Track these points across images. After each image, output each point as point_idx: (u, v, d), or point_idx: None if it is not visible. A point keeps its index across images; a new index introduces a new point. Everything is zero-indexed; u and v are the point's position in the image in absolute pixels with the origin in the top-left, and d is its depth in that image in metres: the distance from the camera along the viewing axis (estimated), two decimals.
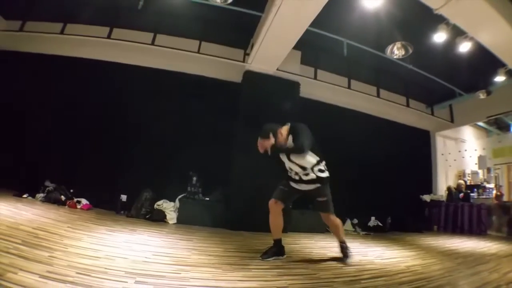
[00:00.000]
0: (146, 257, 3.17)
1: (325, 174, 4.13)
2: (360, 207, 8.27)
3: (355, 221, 8.15)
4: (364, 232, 7.74)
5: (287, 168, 4.21)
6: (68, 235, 3.71)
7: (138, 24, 7.81)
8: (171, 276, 2.67)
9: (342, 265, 3.86)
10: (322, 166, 4.16)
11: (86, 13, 7.67)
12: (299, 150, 3.89)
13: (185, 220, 6.31)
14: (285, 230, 6.46)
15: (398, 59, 7.06)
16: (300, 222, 6.93)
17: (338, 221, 4.19)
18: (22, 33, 8.04)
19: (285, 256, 4.01)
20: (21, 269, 2.24)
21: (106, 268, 2.60)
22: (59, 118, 7.45)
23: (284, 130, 4.14)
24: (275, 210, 4.20)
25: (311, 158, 4.04)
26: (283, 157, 4.11)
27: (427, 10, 5.26)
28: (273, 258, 3.87)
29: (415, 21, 6.23)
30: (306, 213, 7.12)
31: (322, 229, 7.06)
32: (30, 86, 7.66)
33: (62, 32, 7.89)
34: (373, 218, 8.41)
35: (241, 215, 6.42)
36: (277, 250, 4.02)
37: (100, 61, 7.87)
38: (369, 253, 4.77)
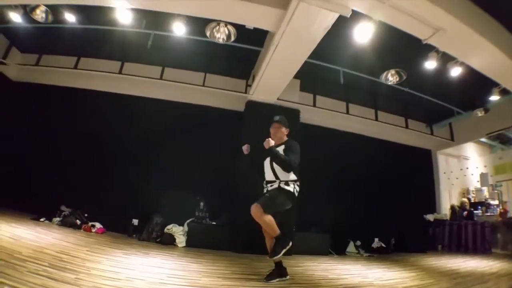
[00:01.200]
0: (161, 279, 3.38)
1: (290, 189, 4.21)
2: (363, 229, 8.30)
3: (358, 243, 8.11)
4: (367, 254, 7.72)
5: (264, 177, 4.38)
6: (88, 258, 3.93)
7: (147, 59, 8.32)
8: None
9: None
10: (293, 186, 4.24)
11: (99, 48, 8.21)
12: (288, 165, 4.08)
13: (194, 243, 6.56)
14: (289, 253, 6.68)
15: (394, 84, 7.27)
16: (303, 244, 6.95)
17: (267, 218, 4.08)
18: (38, 67, 8.60)
19: (288, 277, 4.06)
20: None
21: None
22: (72, 146, 7.87)
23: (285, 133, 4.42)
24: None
25: (290, 175, 4.22)
26: (267, 160, 4.32)
27: (418, 39, 5.46)
28: (277, 280, 3.93)
29: (406, 49, 6.30)
30: (308, 235, 7.31)
31: (326, 251, 7.23)
32: (45, 115, 8.18)
33: (75, 67, 8.46)
34: (376, 239, 8.42)
35: (246, 238, 6.60)
36: (281, 271, 4.06)
37: (111, 93, 8.38)
38: (369, 275, 4.85)
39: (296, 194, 4.26)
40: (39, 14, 6.49)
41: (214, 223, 7.06)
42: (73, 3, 6.08)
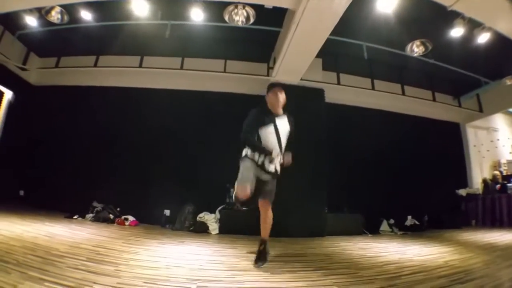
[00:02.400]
0: (201, 265, 3.39)
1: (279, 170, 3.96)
2: (395, 207, 8.16)
3: (392, 221, 7.99)
4: (401, 232, 7.61)
5: (261, 143, 3.86)
6: (125, 250, 3.97)
7: (166, 50, 8.28)
8: (227, 280, 2.88)
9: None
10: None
11: (117, 45, 8.22)
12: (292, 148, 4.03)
13: (227, 230, 6.56)
14: (322, 234, 6.67)
15: (419, 56, 7.07)
16: (336, 225, 6.99)
17: (271, 215, 4.15)
18: (58, 69, 8.79)
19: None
20: (94, 283, 2.44)
21: (168, 277, 2.83)
22: (98, 143, 8.04)
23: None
24: (244, 191, 3.65)
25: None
26: (274, 129, 3.89)
27: (442, 6, 5.28)
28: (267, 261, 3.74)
29: (431, 17, 6.14)
30: (341, 216, 7.25)
31: (359, 231, 7.14)
32: (68, 116, 8.43)
33: (95, 65, 8.55)
34: (409, 217, 8.27)
35: (278, 222, 6.57)
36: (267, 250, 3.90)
37: (132, 88, 8.49)
38: (407, 252, 4.80)
39: None
40: (55, 16, 6.55)
41: (245, 208, 7.01)
42: (88, 0, 6.05)
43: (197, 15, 6.11)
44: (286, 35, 6.15)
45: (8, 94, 8.51)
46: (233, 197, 3.98)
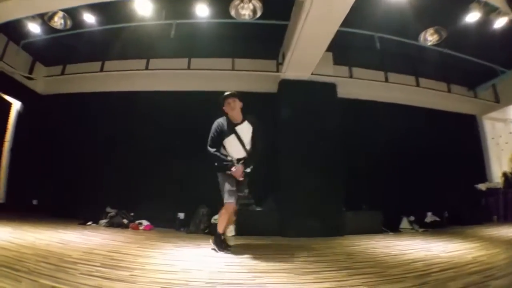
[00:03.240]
0: (219, 268, 3.27)
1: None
2: (414, 204, 7.89)
3: (411, 218, 7.72)
4: (422, 229, 7.39)
5: (226, 154, 4.31)
6: (140, 254, 3.88)
7: (172, 52, 8.19)
8: (248, 283, 2.75)
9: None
10: None
11: (122, 49, 8.21)
12: (260, 146, 4.39)
13: (243, 231, 6.38)
14: (341, 233, 6.50)
15: (433, 45, 6.89)
16: (356, 224, 6.79)
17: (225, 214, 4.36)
18: (64, 76, 8.82)
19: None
20: None
21: (187, 281, 2.71)
22: (108, 148, 8.05)
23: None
24: (230, 210, 4.36)
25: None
26: (235, 137, 4.25)
27: None
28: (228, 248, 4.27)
29: (445, 3, 6.02)
30: (359, 214, 7.06)
31: (379, 229, 6.96)
32: (77, 122, 8.46)
33: (101, 70, 8.53)
34: (429, 214, 7.98)
35: (295, 222, 6.45)
36: (223, 239, 4.37)
37: (139, 91, 8.46)
38: (433, 249, 4.65)
39: None
40: (58, 21, 6.57)
41: (261, 208, 6.90)
42: (91, 2, 5.97)
43: (202, 11, 6.01)
44: (295, 27, 5.97)
45: (17, 105, 8.59)
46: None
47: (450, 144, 9.08)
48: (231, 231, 6.41)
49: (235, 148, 4.26)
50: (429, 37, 6.58)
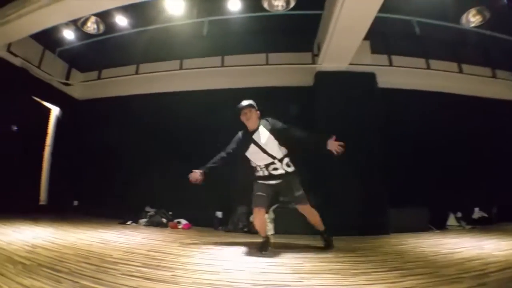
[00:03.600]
0: (262, 268, 3.13)
1: (292, 169, 4.35)
2: (461, 199, 7.43)
3: (459, 214, 7.29)
4: (469, 226, 7.00)
5: (254, 164, 4.40)
6: (181, 253, 3.83)
7: (205, 50, 8.20)
8: (295, 284, 2.59)
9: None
10: (288, 160, 4.35)
11: (156, 51, 8.42)
12: (303, 134, 4.35)
13: (282, 230, 6.26)
14: (387, 231, 6.23)
15: (476, 27, 6.53)
16: (401, 222, 6.46)
17: (315, 211, 4.56)
18: (100, 80, 9.05)
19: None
20: None
21: (230, 282, 2.59)
22: (148, 150, 8.27)
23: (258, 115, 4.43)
24: (260, 215, 4.31)
25: (282, 149, 4.31)
26: (254, 145, 4.27)
27: None
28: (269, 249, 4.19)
29: None
30: (404, 211, 6.67)
31: (425, 227, 6.62)
32: (115, 125, 8.65)
33: (137, 73, 8.66)
34: (476, 209, 7.49)
35: (338, 220, 6.26)
36: (267, 242, 4.35)
37: (174, 92, 8.57)
38: (484, 247, 4.35)
39: None
40: (91, 26, 6.79)
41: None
42: (123, 4, 6.01)
43: (234, 5, 5.94)
44: (330, 16, 5.78)
45: (55, 110, 8.88)
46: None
47: (497, 133, 8.42)
48: (269, 229, 6.30)
49: (257, 156, 4.31)
50: (472, 19, 6.26)
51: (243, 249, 4.39)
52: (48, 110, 8.65)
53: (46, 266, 2.79)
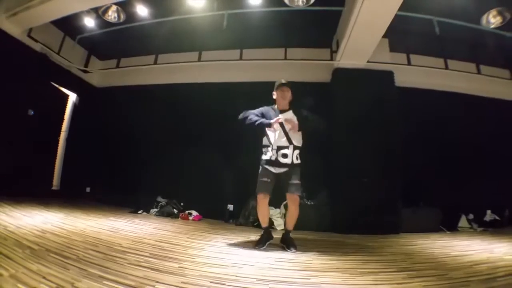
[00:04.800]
0: (270, 264, 3.15)
1: (299, 162, 4.30)
2: (473, 200, 7.30)
3: (470, 216, 7.19)
4: (481, 228, 6.90)
5: (270, 142, 4.25)
6: (190, 245, 3.86)
7: (224, 43, 8.22)
8: (301, 281, 2.60)
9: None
10: (298, 153, 4.31)
11: (175, 42, 8.47)
12: (321, 123, 4.38)
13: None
14: (397, 231, 6.18)
15: (496, 28, 6.38)
16: (412, 222, 6.42)
17: (298, 209, 4.34)
18: (118, 69, 9.20)
19: (273, 238, 4.38)
20: (157, 282, 2.31)
21: (237, 276, 2.62)
22: (163, 140, 8.32)
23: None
24: (264, 202, 4.28)
25: (300, 141, 4.33)
26: (279, 124, 4.17)
27: None
28: (266, 244, 4.15)
29: None
30: (416, 211, 6.64)
31: (436, 228, 6.57)
32: (131, 114, 8.78)
33: (155, 63, 8.77)
34: (488, 212, 7.38)
35: (349, 218, 6.23)
36: (267, 236, 4.31)
37: (192, 83, 8.60)
38: (495, 250, 4.32)
39: None
40: (111, 15, 6.85)
41: (312, 203, 6.70)
42: None
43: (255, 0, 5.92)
44: (350, 13, 5.72)
45: (73, 97, 8.99)
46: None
47: None
48: (280, 224, 6.28)
49: (276, 134, 4.22)
50: (492, 20, 6.13)
51: (253, 243, 4.39)
52: (65, 96, 8.74)
53: (54, 252, 2.85)
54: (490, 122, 8.05)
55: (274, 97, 4.47)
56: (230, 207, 7.12)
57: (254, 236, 4.98)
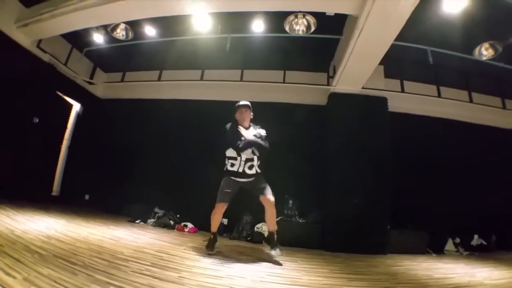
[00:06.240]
0: (262, 277, 3.32)
1: (260, 170, 4.68)
2: (461, 225, 7.46)
3: (457, 240, 7.33)
4: (467, 252, 7.04)
5: (239, 155, 4.54)
6: (187, 256, 4.03)
7: (227, 63, 8.55)
8: None
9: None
10: (259, 163, 4.66)
11: (179, 60, 8.75)
12: (265, 147, 4.57)
13: (284, 242, 6.25)
14: (384, 251, 6.34)
15: (488, 59, 6.60)
16: (400, 243, 6.56)
17: (275, 209, 4.63)
18: (123, 83, 9.51)
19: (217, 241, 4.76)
20: None
21: (231, 287, 2.81)
22: (162, 153, 8.59)
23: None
24: (221, 211, 4.68)
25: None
26: (250, 136, 4.52)
27: None
28: (215, 247, 4.61)
29: (501, 17, 5.76)
30: (404, 232, 6.80)
31: (423, 250, 6.72)
32: (132, 126, 9.03)
33: (159, 79, 9.07)
34: (476, 236, 7.48)
35: (338, 237, 6.39)
36: (215, 239, 4.71)
37: (195, 100, 8.87)
38: (477, 274, 4.48)
39: None
40: (120, 33, 7.06)
41: (304, 221, 6.90)
42: (153, 16, 6.31)
43: (257, 27, 6.19)
44: (348, 42, 5.97)
45: (77, 106, 9.20)
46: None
47: (504, 163, 8.56)
48: (265, 230, 6.45)
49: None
50: (484, 52, 6.37)
51: (246, 257, 4.60)
52: (70, 106, 8.96)
53: (61, 257, 2.99)
54: (481, 149, 8.29)
55: (236, 117, 4.84)
56: (225, 221, 7.21)
57: (248, 251, 5.23)
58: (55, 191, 8.55)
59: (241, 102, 4.81)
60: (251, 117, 4.83)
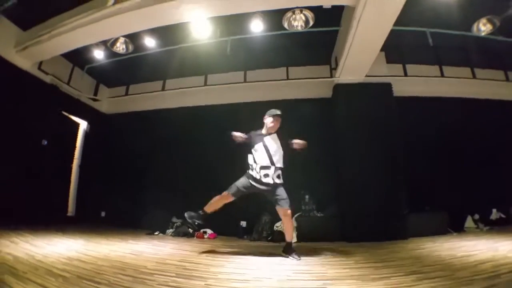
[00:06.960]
0: (288, 276, 3.31)
1: (281, 181, 4.66)
2: (478, 201, 7.44)
3: (476, 216, 7.29)
4: (487, 228, 7.01)
5: (255, 162, 4.66)
6: (210, 263, 3.98)
7: (229, 66, 8.58)
8: None
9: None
10: (280, 173, 4.68)
11: (182, 68, 8.74)
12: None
13: (305, 238, 6.40)
14: (405, 236, 6.31)
15: (487, 35, 6.55)
16: (419, 226, 6.53)
17: (292, 220, 4.80)
18: (127, 96, 9.57)
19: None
20: None
21: None
22: (174, 162, 8.62)
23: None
24: (225, 200, 4.89)
25: (281, 162, 4.71)
26: (262, 145, 4.68)
27: None
28: (198, 221, 5.10)
29: None
30: (423, 216, 6.79)
31: (443, 230, 6.69)
32: (139, 139, 9.00)
33: (163, 89, 9.15)
34: (494, 210, 7.47)
35: (358, 227, 6.36)
36: (204, 218, 5.13)
37: (201, 106, 8.89)
38: (500, 248, 4.47)
39: None
40: (119, 46, 7.10)
41: (322, 214, 6.88)
42: (152, 27, 6.33)
43: (256, 27, 6.18)
44: (347, 33, 5.96)
45: (83, 124, 9.25)
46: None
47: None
48: (293, 238, 6.45)
49: (260, 155, 4.66)
50: (482, 27, 6.31)
51: (269, 257, 4.58)
52: (76, 125, 9.02)
53: (85, 278, 2.95)
54: (489, 122, 8.22)
55: (266, 121, 4.90)
56: (243, 223, 7.27)
57: (270, 250, 5.19)
58: (71, 212, 8.60)
59: (278, 111, 4.84)
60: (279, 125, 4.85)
